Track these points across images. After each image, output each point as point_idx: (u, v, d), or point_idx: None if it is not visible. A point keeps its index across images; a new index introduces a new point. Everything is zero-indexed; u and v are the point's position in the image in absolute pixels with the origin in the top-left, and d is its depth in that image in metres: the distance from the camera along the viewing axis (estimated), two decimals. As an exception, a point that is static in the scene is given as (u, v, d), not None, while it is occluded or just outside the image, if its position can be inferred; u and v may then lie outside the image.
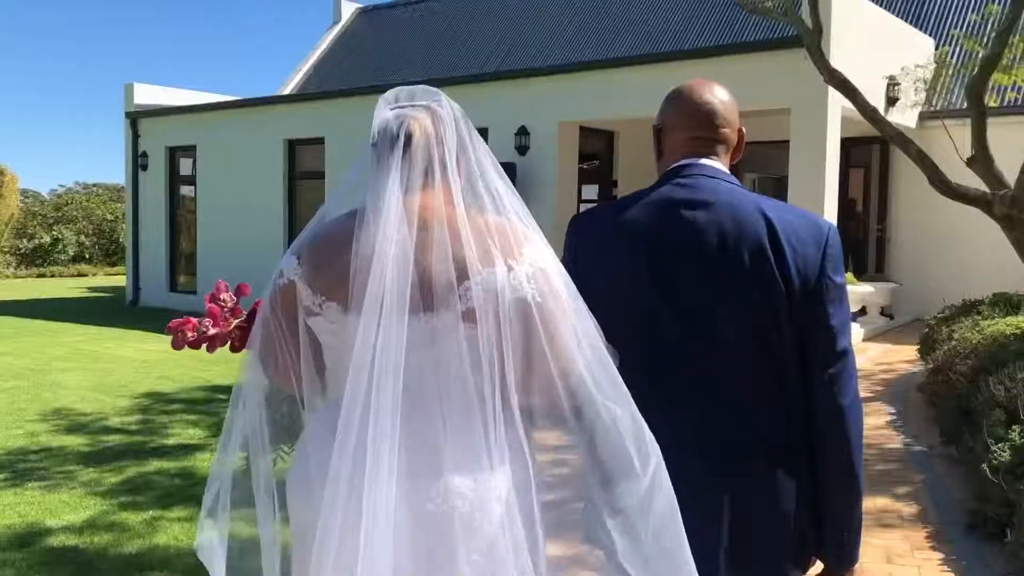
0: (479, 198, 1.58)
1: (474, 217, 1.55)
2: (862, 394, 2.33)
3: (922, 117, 12.13)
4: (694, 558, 1.53)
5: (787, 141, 9.96)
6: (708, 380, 1.79)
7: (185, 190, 16.96)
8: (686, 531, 1.54)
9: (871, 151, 13.02)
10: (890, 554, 4.25)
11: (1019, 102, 11.61)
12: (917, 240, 12.59)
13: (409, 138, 1.57)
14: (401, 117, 1.59)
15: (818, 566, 1.90)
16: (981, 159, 8.08)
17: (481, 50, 17.76)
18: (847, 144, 10.67)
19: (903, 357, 9.88)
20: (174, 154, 16.84)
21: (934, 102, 11.95)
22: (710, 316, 1.79)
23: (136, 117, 16.96)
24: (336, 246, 1.56)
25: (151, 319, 14.49)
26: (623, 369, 1.59)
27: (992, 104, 8.37)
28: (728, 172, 1.90)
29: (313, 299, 1.59)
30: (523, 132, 11.74)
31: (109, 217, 29.95)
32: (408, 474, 1.49)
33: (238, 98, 16.06)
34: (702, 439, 1.76)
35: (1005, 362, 5.59)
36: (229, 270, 15.55)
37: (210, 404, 7.59)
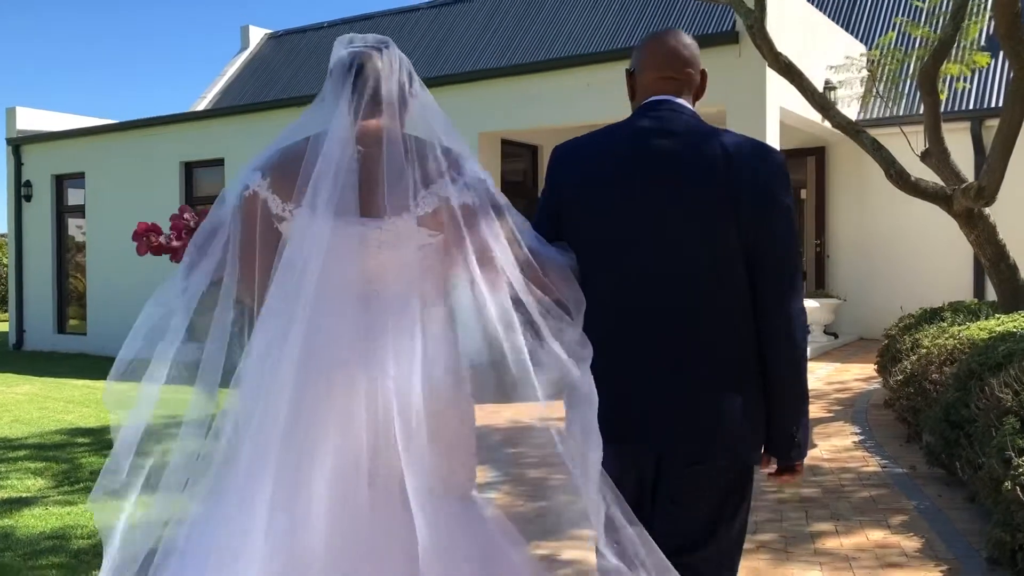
0: (422, 128, 1.85)
1: (418, 139, 1.82)
2: (817, 414, 4.32)
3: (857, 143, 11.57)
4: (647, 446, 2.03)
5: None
6: (677, 276, 2.03)
7: (74, 221, 15.54)
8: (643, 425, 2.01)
9: (806, 163, 12.43)
10: (906, 603, 3.34)
11: (959, 102, 11.16)
12: (857, 256, 11.99)
13: (360, 69, 1.83)
14: (354, 53, 1.86)
15: (772, 466, 2.12)
16: (936, 152, 7.45)
17: (396, 70, 16.84)
18: (782, 155, 9.97)
19: (855, 375, 9.17)
20: (61, 182, 15.44)
21: (872, 107, 11.43)
22: (677, 226, 2.03)
23: (19, 143, 15.53)
24: (298, 159, 1.79)
25: (31, 362, 13.04)
26: (588, 291, 1.91)
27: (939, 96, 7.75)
28: (691, 108, 2.15)
29: (282, 207, 1.81)
30: (440, 145, 10.80)
31: (4, 262, 28.01)
32: (363, 355, 1.71)
33: (130, 120, 14.77)
34: (660, 335, 2.03)
35: (998, 364, 4.78)
36: (122, 307, 14.25)
37: (64, 449, 6.35)
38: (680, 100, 2.14)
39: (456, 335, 1.83)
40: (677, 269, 2.04)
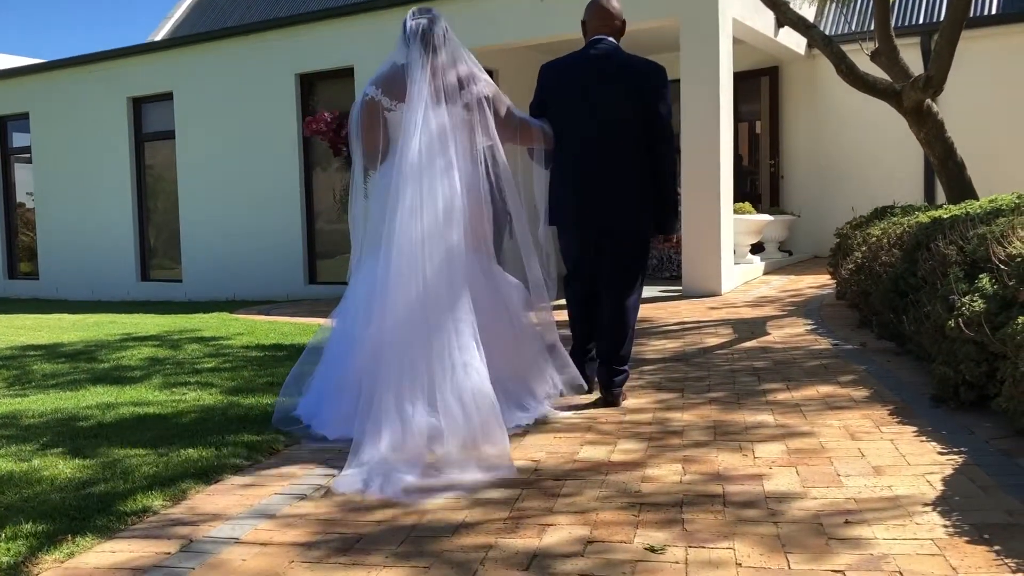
0: (459, 60, 3.78)
1: (458, 65, 3.76)
2: (772, 313, 6.94)
3: (811, 45, 11.61)
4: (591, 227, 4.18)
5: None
6: (605, 142, 4.06)
7: (20, 165, 15.16)
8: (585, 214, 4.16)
9: (760, 84, 12.45)
10: (853, 431, 3.40)
11: (909, 16, 11.22)
12: (811, 176, 12.09)
13: (424, 31, 3.70)
14: (419, 22, 3.71)
15: (661, 238, 4.46)
16: (886, 51, 7.49)
17: None
18: (735, 79, 9.92)
19: (809, 284, 9.30)
20: (4, 124, 15.03)
21: (826, 23, 11.44)
22: (606, 111, 4.04)
23: (-42, 85, 15.05)
24: (398, 79, 3.69)
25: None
26: (560, 144, 4.12)
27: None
28: (616, 43, 4.16)
29: (390, 103, 3.70)
30: (392, 68, 10.63)
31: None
32: (442, 160, 3.64)
33: (74, 56, 14.34)
34: (600, 167, 4.07)
35: (942, 232, 4.86)
36: (73, 248, 14.00)
37: (15, 359, 6.26)
38: (610, 38, 4.15)
39: (479, 158, 3.79)
40: (609, 128, 4.03)
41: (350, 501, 2.91)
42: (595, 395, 4.18)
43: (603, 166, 4.01)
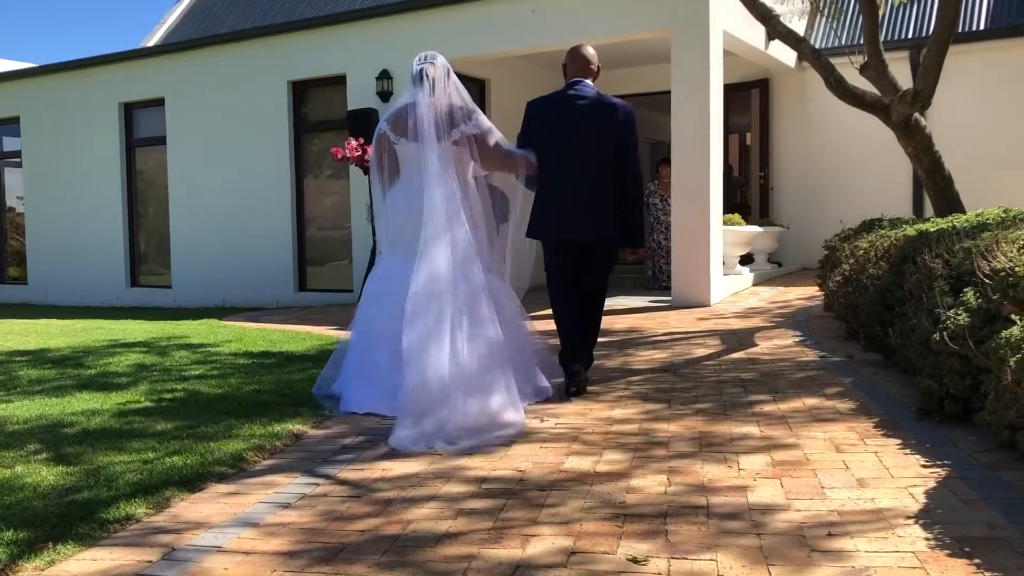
0: (457, 99, 4.37)
1: (453, 103, 4.35)
2: (760, 324, 7.20)
3: (801, 58, 11.65)
4: (575, 238, 4.72)
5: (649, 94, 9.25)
6: (585, 169, 4.62)
7: (10, 169, 15.11)
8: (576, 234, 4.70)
9: (750, 96, 12.49)
10: (838, 444, 3.41)
11: (898, 31, 11.28)
12: (801, 188, 12.13)
13: (426, 74, 4.32)
14: (422, 67, 4.34)
15: (629, 251, 4.90)
16: (875, 65, 7.53)
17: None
18: (725, 90, 9.96)
19: (798, 296, 9.32)
20: (-5, 128, 14.98)
21: (815, 37, 11.50)
22: (585, 143, 4.61)
23: (-51, 88, 14.99)
24: (403, 117, 4.36)
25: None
26: (546, 171, 4.67)
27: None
28: (593, 85, 4.73)
29: (395, 138, 4.40)
30: (385, 76, 10.65)
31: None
32: (440, 188, 4.29)
33: (66, 60, 14.31)
34: (581, 190, 4.63)
35: (928, 245, 4.89)
36: (62, 253, 13.95)
37: (1, 365, 6.22)
38: (587, 80, 4.72)
39: (475, 185, 4.48)
40: (587, 158, 4.60)
41: (334, 510, 2.90)
42: (574, 402, 4.19)
43: (583, 190, 4.61)
